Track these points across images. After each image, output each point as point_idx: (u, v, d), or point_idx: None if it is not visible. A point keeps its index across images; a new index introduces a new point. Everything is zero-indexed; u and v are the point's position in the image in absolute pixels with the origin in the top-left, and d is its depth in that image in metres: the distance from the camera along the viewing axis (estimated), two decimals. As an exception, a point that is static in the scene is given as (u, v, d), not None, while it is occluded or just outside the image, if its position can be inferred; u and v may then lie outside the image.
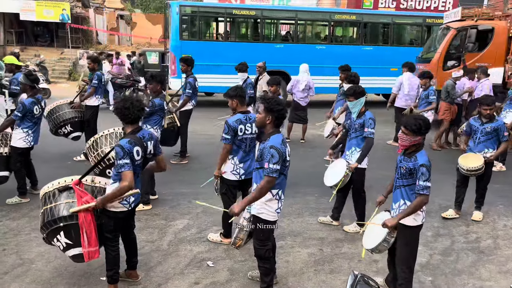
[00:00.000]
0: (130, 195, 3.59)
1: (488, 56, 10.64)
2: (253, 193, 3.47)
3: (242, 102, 4.51)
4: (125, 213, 3.66)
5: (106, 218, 3.62)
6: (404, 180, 3.57)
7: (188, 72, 7.50)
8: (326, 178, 5.26)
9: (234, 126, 4.37)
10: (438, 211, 5.92)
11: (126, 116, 3.56)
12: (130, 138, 3.52)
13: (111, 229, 3.64)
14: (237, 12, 13.71)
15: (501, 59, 10.72)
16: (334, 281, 4.14)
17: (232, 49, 13.08)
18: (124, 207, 3.62)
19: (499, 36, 10.62)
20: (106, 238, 3.65)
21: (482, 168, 5.32)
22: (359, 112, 5.00)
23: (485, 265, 4.56)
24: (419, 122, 3.45)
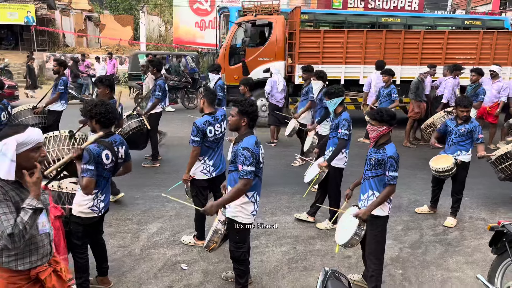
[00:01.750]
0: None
1: (268, 51, 10.74)
2: (229, 194, 3.46)
3: (210, 103, 4.51)
4: (94, 219, 3.60)
5: (75, 224, 3.54)
6: (373, 171, 3.67)
7: (157, 75, 7.43)
8: (306, 175, 5.37)
9: (202, 128, 4.36)
10: (408, 206, 6.08)
11: (109, 120, 3.51)
12: (99, 143, 3.45)
13: (80, 236, 3.56)
14: None
15: (281, 54, 10.79)
16: (307, 278, 4.19)
17: None
18: (94, 213, 3.56)
19: (278, 31, 10.70)
20: (75, 245, 3.57)
21: (452, 170, 5.33)
22: (336, 113, 5.07)
23: (452, 256, 4.72)
24: (381, 111, 3.63)
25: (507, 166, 5.68)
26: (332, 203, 5.22)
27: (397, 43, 10.66)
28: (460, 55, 10.74)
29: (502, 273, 3.68)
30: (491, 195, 6.50)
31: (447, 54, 10.78)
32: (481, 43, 10.68)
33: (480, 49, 10.75)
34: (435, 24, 14.40)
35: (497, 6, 28.60)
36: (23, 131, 2.35)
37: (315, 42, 10.62)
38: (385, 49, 10.67)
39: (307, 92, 7.60)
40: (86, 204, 3.51)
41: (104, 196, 3.60)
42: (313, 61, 10.20)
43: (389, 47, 10.72)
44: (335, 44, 10.67)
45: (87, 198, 3.49)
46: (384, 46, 10.64)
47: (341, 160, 5.07)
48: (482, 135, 5.31)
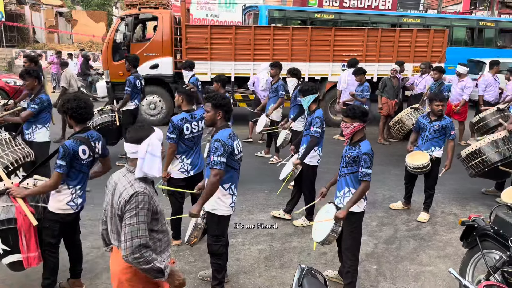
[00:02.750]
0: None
1: (154, 47, 10.37)
2: (205, 190, 3.47)
3: (188, 100, 4.47)
4: (72, 216, 3.53)
5: (52, 222, 3.45)
6: (349, 168, 3.71)
7: (132, 70, 7.28)
8: (281, 172, 5.39)
9: (179, 125, 4.31)
10: (383, 202, 6.17)
11: (82, 116, 3.44)
12: (75, 138, 3.42)
13: (56, 234, 3.48)
14: (318, 16, 14.50)
15: (168, 50, 10.41)
16: (284, 275, 4.19)
17: None
18: (72, 209, 3.49)
19: (164, 25, 10.33)
20: (48, 244, 3.48)
21: (428, 166, 5.41)
22: (310, 110, 5.08)
23: (425, 250, 4.81)
24: (353, 107, 3.69)
25: (477, 163, 5.82)
26: (306, 200, 5.24)
27: (285, 39, 10.45)
28: (347, 52, 10.65)
29: (473, 267, 3.78)
30: (462, 190, 6.67)
31: (335, 51, 10.69)
32: (366, 40, 10.68)
33: (366, 46, 10.74)
34: (452, 25, 14.99)
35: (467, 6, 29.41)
36: (154, 130, 2.47)
37: (202, 38, 10.21)
38: (273, 46, 10.43)
39: (276, 89, 7.61)
40: (64, 200, 3.44)
41: (82, 192, 3.55)
42: (202, 58, 10.09)
43: (278, 43, 10.48)
44: (224, 40, 10.30)
45: (65, 193, 3.43)
46: (273, 43, 10.39)
47: (314, 158, 5.09)
48: (454, 131, 5.44)
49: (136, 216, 2.29)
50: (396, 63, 9.57)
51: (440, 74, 8.38)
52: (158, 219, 2.49)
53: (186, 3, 10.74)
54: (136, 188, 2.35)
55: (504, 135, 5.76)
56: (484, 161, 5.74)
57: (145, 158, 2.38)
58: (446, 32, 11.23)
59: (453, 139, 5.41)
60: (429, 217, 5.62)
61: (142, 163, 2.38)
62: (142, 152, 2.38)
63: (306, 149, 5.00)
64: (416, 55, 10.99)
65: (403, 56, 10.84)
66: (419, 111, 7.94)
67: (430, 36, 11.00)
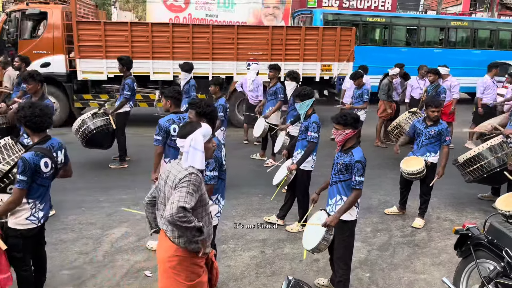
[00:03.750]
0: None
1: (44, 44, 9.82)
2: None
3: (176, 104, 4.40)
4: (34, 231, 3.34)
5: (13, 238, 3.26)
6: (340, 176, 3.63)
7: (126, 73, 7.21)
8: (275, 177, 5.29)
9: (165, 127, 4.24)
10: (378, 207, 6.09)
11: (37, 125, 3.23)
12: (36, 150, 3.20)
13: (20, 249, 3.30)
14: (370, 19, 14.95)
15: (60, 47, 9.86)
16: (275, 283, 4.11)
17: (363, 52, 13.71)
18: (33, 224, 3.29)
19: (55, 21, 9.78)
20: (16, 259, 3.30)
21: (423, 172, 5.34)
22: (306, 115, 5.00)
23: (419, 257, 4.73)
24: (344, 114, 3.60)
25: (476, 169, 5.74)
26: (300, 205, 5.17)
27: (186, 37, 10.02)
28: (252, 50, 10.35)
29: (467, 277, 3.70)
30: (458, 195, 6.59)
31: (239, 50, 10.30)
32: (271, 38, 10.32)
33: (271, 45, 10.35)
34: (498, 29, 15.33)
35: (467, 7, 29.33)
36: (200, 126, 2.68)
37: (96, 35, 9.72)
38: (173, 44, 10.04)
39: (275, 92, 7.54)
40: (22, 215, 3.23)
41: (43, 205, 3.34)
42: (96, 55, 9.73)
43: (178, 41, 10.06)
44: (119, 37, 9.84)
45: (24, 208, 3.23)
46: (172, 41, 9.98)
47: (309, 163, 5.01)
48: (449, 137, 5.37)
49: (186, 187, 2.52)
50: (396, 66, 9.50)
51: (435, 76, 8.30)
52: (203, 208, 2.70)
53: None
54: (190, 170, 2.60)
55: (501, 140, 5.68)
56: (483, 166, 5.65)
57: (188, 151, 2.60)
58: (354, 30, 10.95)
59: (447, 144, 5.33)
60: (424, 223, 5.54)
61: (186, 156, 2.61)
62: (186, 146, 2.61)
63: (303, 154, 4.91)
64: (323, 54, 10.61)
65: (310, 55, 10.56)
66: (417, 115, 7.86)
67: (337, 35, 10.61)
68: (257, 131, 7.51)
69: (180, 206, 2.43)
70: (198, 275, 2.68)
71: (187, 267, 2.63)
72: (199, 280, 2.67)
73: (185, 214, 2.44)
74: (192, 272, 2.66)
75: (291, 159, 5.21)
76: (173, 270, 2.64)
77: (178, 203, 2.44)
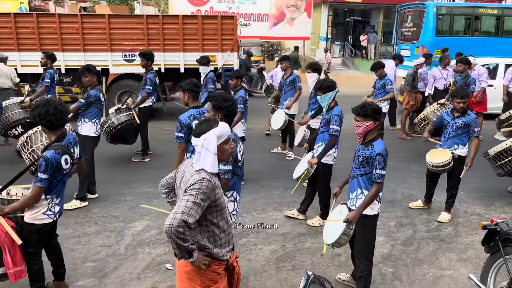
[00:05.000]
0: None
1: None
2: None
3: (194, 96, 4.36)
4: (50, 225, 3.41)
5: (28, 233, 3.33)
6: (361, 169, 3.54)
7: (148, 68, 7.25)
8: (295, 171, 5.22)
9: (187, 123, 4.21)
10: (402, 200, 5.95)
11: (51, 123, 3.27)
12: (56, 148, 3.26)
13: (34, 244, 3.36)
14: (482, 11, 15.06)
15: None
16: (295, 278, 4.07)
17: (477, 43, 14.09)
18: (49, 218, 3.36)
19: None
20: (28, 253, 3.35)
21: (449, 165, 5.16)
22: (328, 107, 4.90)
23: (445, 253, 4.59)
24: (365, 105, 3.49)
25: (507, 162, 5.52)
26: (321, 199, 5.09)
27: (53, 28, 9.62)
28: (128, 40, 9.99)
29: (495, 273, 3.56)
30: (487, 189, 6.37)
31: (112, 40, 9.94)
32: (147, 28, 9.96)
33: (147, 35, 9.99)
34: None
35: (496, -7, 28.15)
36: (217, 125, 2.46)
37: None
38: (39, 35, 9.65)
39: (292, 81, 7.42)
40: (40, 210, 3.30)
41: (59, 200, 3.42)
42: None
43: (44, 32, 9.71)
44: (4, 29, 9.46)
45: (41, 204, 3.30)
46: (38, 32, 9.61)
47: (330, 156, 4.92)
48: (478, 128, 5.16)
49: (194, 196, 2.33)
50: (423, 56, 9.25)
51: (465, 66, 8.03)
52: (219, 213, 2.50)
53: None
54: (202, 176, 2.39)
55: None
56: None
57: (200, 152, 2.43)
58: (235, 19, 10.56)
59: (477, 136, 5.14)
60: (451, 218, 5.38)
61: (198, 157, 2.44)
62: (199, 146, 2.44)
63: (324, 148, 4.83)
64: (205, 44, 10.22)
65: (191, 44, 10.15)
66: (446, 107, 7.58)
67: (218, 24, 10.20)
68: (277, 123, 7.40)
69: (183, 220, 2.27)
70: (214, 282, 2.56)
71: (202, 273, 2.49)
72: (215, 286, 2.56)
73: (184, 230, 2.28)
74: (208, 279, 2.54)
75: (311, 153, 5.13)
76: (188, 275, 2.54)
77: (182, 216, 2.27)
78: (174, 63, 10.09)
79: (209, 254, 2.50)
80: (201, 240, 2.47)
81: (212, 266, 2.50)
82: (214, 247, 2.51)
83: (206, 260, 2.46)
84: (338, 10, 25.36)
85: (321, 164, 4.92)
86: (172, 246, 2.38)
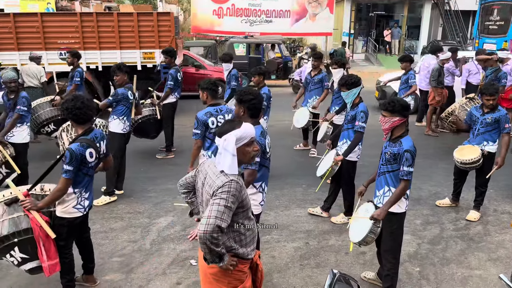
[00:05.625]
0: None
1: None
2: None
3: (213, 95, 4.40)
4: (80, 219, 3.51)
5: (59, 226, 3.43)
6: (388, 166, 3.48)
7: (170, 64, 7.31)
8: (318, 168, 5.18)
9: (203, 120, 4.24)
10: (428, 198, 5.83)
11: (77, 117, 3.39)
12: (81, 141, 3.37)
13: (65, 237, 3.46)
14: None
15: None
16: (320, 276, 4.04)
17: None
18: (79, 212, 3.46)
19: None
20: (59, 246, 3.45)
21: (478, 162, 5.01)
22: (353, 103, 4.83)
23: (474, 252, 4.48)
24: (392, 100, 3.42)
25: None
26: (345, 196, 5.04)
27: None
28: (62, 39, 9.82)
29: (527, 274, 3.45)
30: (518, 187, 6.17)
31: (46, 39, 9.79)
32: (81, 26, 9.78)
33: (82, 33, 9.82)
34: None
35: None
36: (240, 126, 2.42)
37: None
38: None
39: (321, 80, 7.33)
40: (70, 204, 3.40)
41: (88, 193, 3.52)
42: None
43: None
44: None
45: (71, 198, 3.40)
46: None
47: (355, 153, 4.85)
48: (509, 124, 4.99)
49: (225, 200, 2.31)
50: (449, 50, 9.00)
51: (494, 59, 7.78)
52: (244, 213, 2.48)
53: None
54: (230, 177, 2.36)
55: None
56: None
57: (221, 153, 2.40)
58: (172, 15, 10.28)
59: (508, 132, 4.97)
60: (480, 216, 5.23)
61: (219, 158, 2.42)
62: (220, 147, 2.41)
63: (350, 145, 4.76)
64: (142, 41, 10.06)
65: (128, 42, 9.98)
66: (475, 102, 7.34)
67: (154, 20, 10.01)
68: (300, 122, 7.32)
69: (217, 225, 2.26)
70: (241, 281, 2.54)
71: (229, 273, 2.49)
72: (242, 286, 2.55)
73: (218, 236, 2.28)
74: (235, 279, 2.52)
75: (335, 150, 5.08)
76: (214, 276, 2.51)
77: (215, 221, 2.25)
78: (112, 61, 9.85)
79: (235, 254, 2.49)
80: (227, 241, 2.46)
81: (239, 266, 2.49)
82: (240, 247, 2.50)
83: (234, 260, 2.45)
84: (361, 5, 24.94)
85: (345, 161, 4.86)
86: (204, 251, 2.37)
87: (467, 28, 23.41)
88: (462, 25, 22.09)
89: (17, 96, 5.38)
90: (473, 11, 23.33)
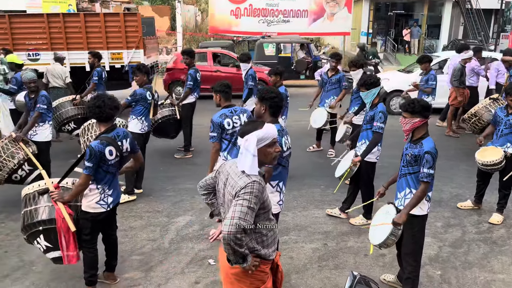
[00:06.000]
0: None
1: None
2: None
3: (226, 97, 4.40)
4: (103, 214, 3.58)
5: (84, 220, 3.55)
6: (409, 168, 3.43)
7: (190, 64, 7.36)
8: (337, 169, 5.15)
9: (218, 122, 4.23)
10: (449, 200, 5.72)
11: (98, 114, 3.48)
12: (101, 139, 3.45)
13: (89, 232, 3.57)
14: None
15: None
16: (338, 277, 4.01)
17: None
18: (102, 208, 3.54)
19: None
20: (83, 240, 3.58)
21: (501, 164, 4.89)
22: (372, 104, 4.79)
23: (497, 256, 4.38)
24: (413, 101, 3.39)
25: None
26: (364, 197, 4.98)
27: None
28: (30, 40, 9.80)
29: (554, 279, 3.36)
30: (543, 189, 6.00)
31: (14, 40, 9.76)
32: (48, 27, 9.77)
33: (49, 33, 9.83)
34: None
35: None
36: (261, 127, 2.43)
37: None
38: None
39: (338, 80, 7.28)
40: (93, 199, 3.50)
41: (111, 191, 3.59)
42: None
43: None
44: None
45: (94, 193, 3.50)
46: None
47: (374, 154, 4.79)
48: None
49: (248, 201, 2.30)
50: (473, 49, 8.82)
51: None
52: (266, 214, 2.48)
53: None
54: (252, 178, 2.37)
55: None
56: None
57: (242, 153, 2.40)
58: (139, 16, 10.18)
59: None
60: (503, 219, 5.12)
61: (240, 158, 2.42)
62: (241, 147, 2.41)
63: (368, 146, 4.72)
64: (110, 42, 10.06)
65: (96, 42, 9.99)
66: (499, 103, 7.15)
67: (121, 21, 10.00)
68: (318, 122, 7.28)
69: (241, 226, 2.27)
70: (262, 282, 2.54)
71: (251, 274, 2.49)
72: (263, 287, 2.55)
73: (241, 236, 2.28)
74: (257, 279, 2.52)
75: (353, 150, 5.03)
76: (236, 277, 2.52)
77: (239, 221, 2.25)
78: (80, 61, 10.02)
79: (258, 255, 2.48)
80: (250, 242, 2.46)
81: (261, 266, 2.49)
82: (262, 248, 2.50)
83: (256, 261, 2.46)
84: (379, 4, 24.67)
85: (364, 162, 4.82)
86: (227, 252, 2.36)
87: (488, 27, 22.95)
88: (483, 24, 21.64)
89: (37, 95, 5.50)
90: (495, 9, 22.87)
